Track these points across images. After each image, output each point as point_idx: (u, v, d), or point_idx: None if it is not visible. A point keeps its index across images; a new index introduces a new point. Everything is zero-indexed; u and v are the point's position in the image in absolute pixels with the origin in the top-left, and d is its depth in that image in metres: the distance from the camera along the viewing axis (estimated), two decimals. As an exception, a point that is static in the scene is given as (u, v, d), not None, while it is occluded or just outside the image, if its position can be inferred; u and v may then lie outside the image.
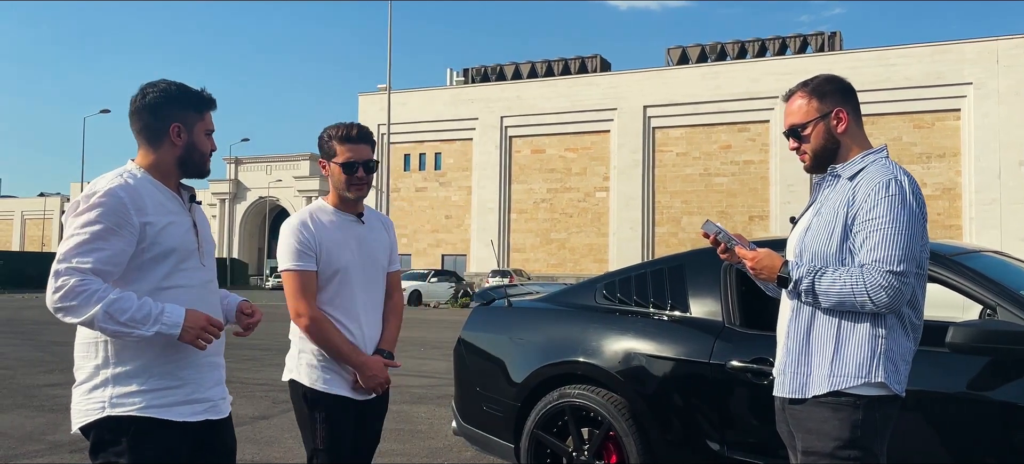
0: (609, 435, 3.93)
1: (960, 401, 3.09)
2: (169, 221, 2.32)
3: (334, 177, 2.95)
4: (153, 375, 2.27)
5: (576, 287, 4.61)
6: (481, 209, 49.77)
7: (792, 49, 46.86)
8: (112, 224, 2.20)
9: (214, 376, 2.44)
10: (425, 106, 51.55)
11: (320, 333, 2.83)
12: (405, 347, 13.80)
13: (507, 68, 52.05)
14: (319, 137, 3.00)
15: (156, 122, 2.36)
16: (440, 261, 49.96)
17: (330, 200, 3.00)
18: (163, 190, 2.36)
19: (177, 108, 2.37)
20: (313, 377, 2.87)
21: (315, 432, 2.85)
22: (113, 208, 2.21)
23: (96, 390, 2.26)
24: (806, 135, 2.49)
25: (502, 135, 49.57)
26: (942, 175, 40.35)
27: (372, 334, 2.98)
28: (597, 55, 50.67)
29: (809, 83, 2.54)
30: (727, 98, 44.38)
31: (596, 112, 47.33)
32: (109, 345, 2.26)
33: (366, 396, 2.93)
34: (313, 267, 2.86)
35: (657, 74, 46.52)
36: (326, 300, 2.88)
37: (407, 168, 52.29)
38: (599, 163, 47.57)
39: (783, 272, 2.39)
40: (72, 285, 2.13)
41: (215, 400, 2.42)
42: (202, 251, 2.43)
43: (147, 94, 2.37)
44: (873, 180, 2.34)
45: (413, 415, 7.39)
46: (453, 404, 4.85)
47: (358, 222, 2.99)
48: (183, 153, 2.39)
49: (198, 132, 2.41)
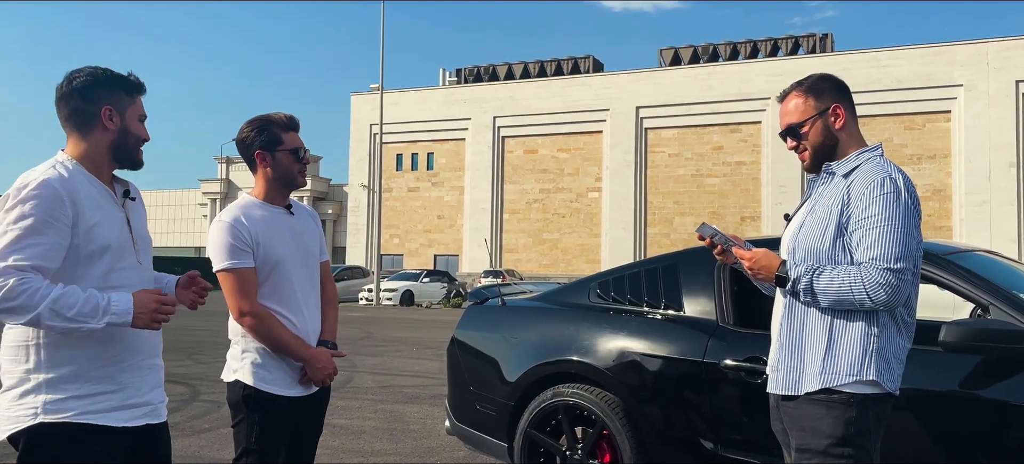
0: (603, 434, 3.92)
1: (953, 400, 3.09)
2: (101, 217, 2.21)
3: (281, 166, 2.88)
4: (89, 380, 2.17)
5: (570, 286, 4.61)
6: (474, 209, 49.73)
7: (784, 50, 46.99)
8: (48, 217, 2.09)
9: (153, 379, 2.35)
10: (418, 106, 51.49)
11: (266, 329, 2.78)
12: (398, 347, 13.78)
13: (500, 68, 52.03)
14: (245, 133, 2.89)
15: (86, 106, 2.23)
16: (433, 261, 49.90)
17: (258, 194, 2.92)
18: (95, 183, 2.24)
19: (107, 90, 2.26)
20: (257, 376, 2.81)
21: (251, 432, 2.79)
22: (48, 200, 2.10)
23: (27, 396, 2.14)
24: (805, 133, 2.47)
25: (495, 135, 49.55)
26: (933, 176, 40.55)
27: (313, 325, 2.95)
28: (590, 56, 50.71)
29: (804, 82, 2.53)
30: (719, 99, 44.48)
31: (589, 112, 47.37)
32: (41, 349, 2.15)
33: (311, 389, 2.91)
34: (251, 263, 2.79)
35: (649, 75, 46.59)
36: (266, 294, 2.82)
37: (400, 168, 52.22)
38: (592, 163, 47.61)
39: (781, 272, 2.39)
40: (12, 285, 2.01)
41: (155, 403, 2.34)
42: (138, 248, 2.33)
43: (74, 79, 2.25)
44: (867, 178, 2.34)
45: (405, 415, 7.37)
46: (446, 403, 4.84)
47: (288, 214, 2.94)
48: (117, 138, 2.27)
49: (131, 116, 2.30)
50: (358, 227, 52.79)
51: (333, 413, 7.33)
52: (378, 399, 8.20)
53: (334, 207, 58.48)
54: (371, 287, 32.65)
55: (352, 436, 6.39)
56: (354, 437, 6.36)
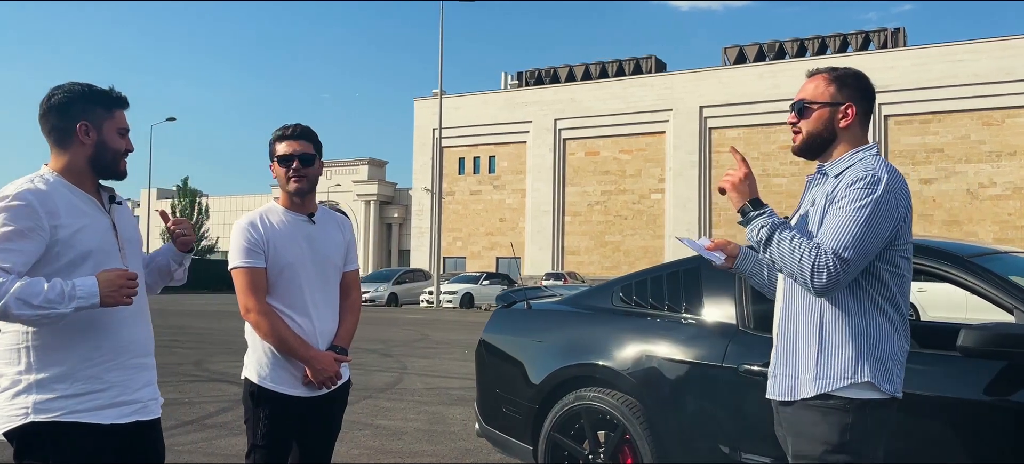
0: (624, 438, 3.90)
1: (973, 407, 2.97)
2: (83, 224, 2.30)
3: (277, 174, 3.01)
4: (78, 379, 2.25)
5: (594, 289, 4.60)
6: (535, 212, 49.78)
7: (853, 46, 45.70)
8: (23, 227, 2.17)
9: (143, 377, 2.42)
10: (479, 110, 51.83)
11: (268, 326, 2.88)
12: (450, 349, 13.90)
13: (561, 70, 51.98)
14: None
15: (62, 122, 2.34)
16: (495, 264, 50.14)
17: (281, 201, 3.06)
18: (77, 192, 2.33)
19: (83, 107, 2.34)
20: (262, 374, 2.93)
21: (257, 427, 2.92)
22: (23, 211, 2.18)
23: (19, 396, 2.23)
24: (810, 111, 2.42)
25: (556, 137, 49.52)
26: (1013, 174, 38.81)
27: (326, 329, 3.02)
28: (652, 56, 50.22)
29: (835, 70, 2.48)
30: (786, 97, 43.45)
31: (651, 113, 46.92)
32: (32, 351, 2.25)
33: (316, 391, 2.97)
34: (262, 264, 2.91)
35: (713, 74, 45.89)
36: (276, 296, 2.94)
37: (461, 171, 52.65)
38: (654, 165, 47.14)
39: (753, 201, 2.35)
40: None
41: (145, 401, 2.41)
42: (124, 252, 2.40)
43: (53, 96, 2.34)
44: (853, 174, 2.30)
45: (448, 417, 7.45)
46: (475, 406, 4.88)
47: (308, 222, 3.03)
48: (93, 152, 2.35)
49: (108, 130, 2.37)
50: (422, 230, 53.41)
51: (377, 414, 7.46)
52: (424, 401, 8.30)
53: (400, 211, 59.34)
54: (432, 289, 33.00)
55: (393, 437, 6.49)
56: (394, 438, 6.45)
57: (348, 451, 5.87)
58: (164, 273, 2.71)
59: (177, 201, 65.25)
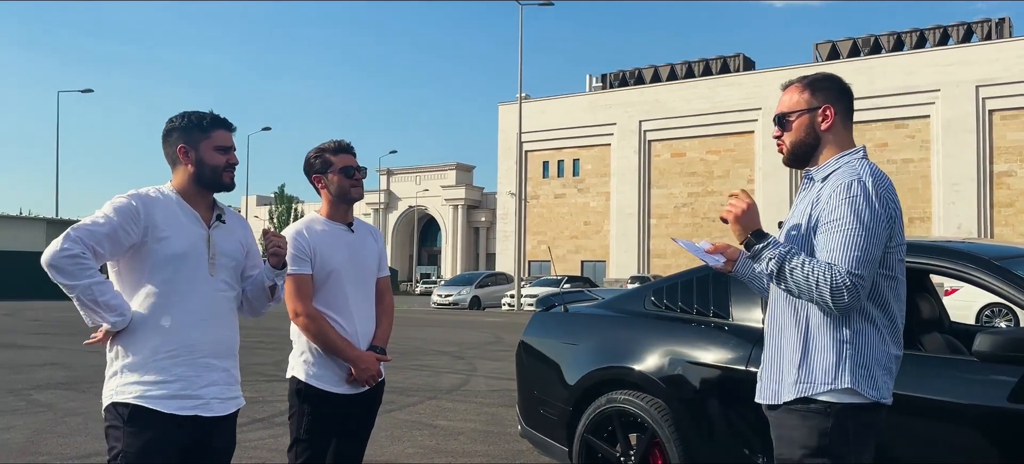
0: (654, 441, 3.92)
1: (988, 413, 2.88)
2: (174, 232, 2.62)
3: (334, 184, 3.21)
4: (149, 370, 2.56)
5: (629, 293, 4.63)
6: (620, 214, 49.47)
7: (954, 38, 43.56)
8: (121, 219, 2.55)
9: (209, 376, 2.64)
10: (563, 113, 51.89)
11: (316, 329, 3.10)
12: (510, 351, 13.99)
13: (645, 71, 51.51)
14: (306, 160, 3.27)
15: (168, 149, 2.73)
16: (579, 267, 50.06)
17: (323, 212, 3.28)
18: (183, 207, 2.67)
19: (182, 133, 2.70)
20: (308, 373, 3.14)
21: (301, 422, 3.12)
22: (125, 208, 2.57)
23: (111, 379, 2.61)
24: (790, 123, 2.45)
25: (641, 139, 49.08)
26: None
27: (365, 330, 3.24)
28: (739, 54, 49.19)
29: (806, 77, 2.52)
30: (882, 93, 41.85)
31: (739, 112, 45.97)
32: (120, 344, 2.59)
33: (359, 389, 3.18)
34: (308, 270, 3.13)
35: (805, 71, 44.42)
36: (321, 300, 3.15)
37: (546, 175, 52.81)
38: (743, 165, 46.15)
39: (757, 233, 2.35)
40: (77, 253, 2.46)
41: (207, 399, 2.62)
42: (214, 263, 2.68)
43: (165, 127, 2.73)
44: (837, 181, 2.29)
45: (506, 418, 7.55)
46: (516, 407, 4.98)
47: (348, 231, 3.27)
48: (196, 170, 2.69)
49: (205, 149, 2.68)
50: (507, 234, 53.85)
51: (439, 414, 7.64)
52: (486, 402, 8.44)
53: (487, 215, 59.97)
54: (513, 293, 33.26)
55: (449, 437, 6.64)
56: (450, 438, 6.60)
57: (404, 450, 6.06)
58: (262, 291, 2.85)
59: (274, 207, 67.76)
